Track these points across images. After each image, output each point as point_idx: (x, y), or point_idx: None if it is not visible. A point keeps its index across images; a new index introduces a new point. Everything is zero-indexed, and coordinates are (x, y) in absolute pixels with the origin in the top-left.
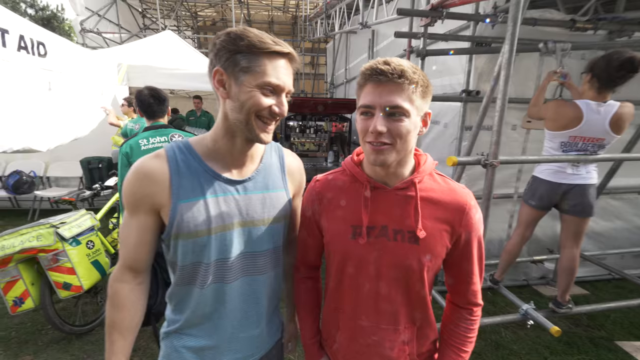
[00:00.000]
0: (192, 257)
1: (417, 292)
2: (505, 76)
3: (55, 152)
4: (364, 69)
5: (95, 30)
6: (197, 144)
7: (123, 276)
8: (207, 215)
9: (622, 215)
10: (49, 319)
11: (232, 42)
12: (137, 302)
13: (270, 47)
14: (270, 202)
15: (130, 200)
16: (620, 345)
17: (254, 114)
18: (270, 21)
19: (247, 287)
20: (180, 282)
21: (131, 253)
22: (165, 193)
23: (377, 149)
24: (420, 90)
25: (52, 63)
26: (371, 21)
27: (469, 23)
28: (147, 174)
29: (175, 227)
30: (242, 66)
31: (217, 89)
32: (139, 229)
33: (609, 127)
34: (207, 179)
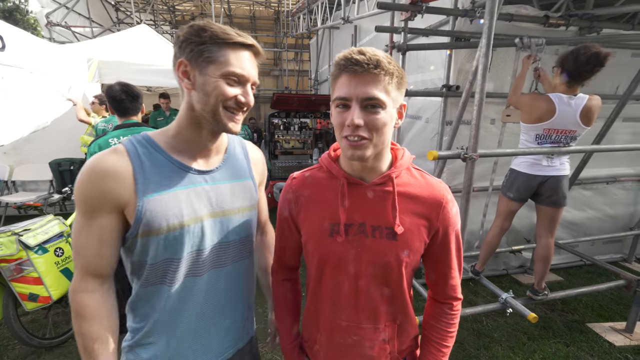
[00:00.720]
0: (164, 253)
1: (396, 289)
2: (483, 70)
3: (21, 154)
4: (338, 60)
5: (64, 24)
6: (158, 137)
7: (87, 285)
8: (178, 208)
9: (593, 204)
10: (14, 333)
11: (195, 33)
12: (111, 309)
13: (233, 38)
14: (239, 191)
15: (88, 202)
16: (591, 327)
17: (221, 104)
18: (252, 16)
19: (219, 278)
20: (147, 283)
21: (94, 259)
22: (129, 189)
23: (355, 144)
24: (395, 81)
25: (10, 57)
26: (353, 16)
27: (449, 18)
28: (106, 171)
29: (144, 225)
30: (206, 57)
31: (182, 80)
32: (101, 232)
33: (579, 119)
34: (174, 171)
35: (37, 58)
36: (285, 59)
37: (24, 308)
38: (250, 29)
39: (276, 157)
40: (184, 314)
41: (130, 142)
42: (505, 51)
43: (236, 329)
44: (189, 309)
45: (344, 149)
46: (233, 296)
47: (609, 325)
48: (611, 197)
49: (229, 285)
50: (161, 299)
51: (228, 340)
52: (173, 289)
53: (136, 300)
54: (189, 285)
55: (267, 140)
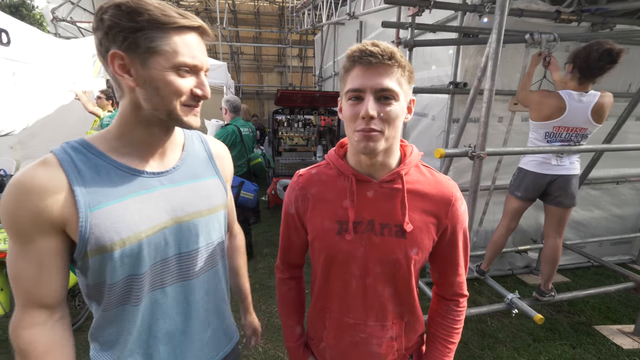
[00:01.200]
0: (122, 271)
1: (405, 287)
2: (493, 67)
3: (27, 149)
4: (351, 52)
5: (69, 19)
6: (96, 141)
7: (33, 319)
8: (132, 218)
9: (601, 204)
10: None
11: (127, 17)
12: (64, 343)
13: (177, 21)
14: (203, 192)
15: (18, 226)
16: (598, 330)
17: (177, 100)
18: (256, 12)
19: (192, 289)
20: (109, 306)
21: (37, 288)
22: (65, 205)
23: (368, 135)
24: (407, 74)
25: (16, 52)
26: (359, 11)
27: (457, 14)
28: (32, 188)
29: (92, 242)
30: (148, 46)
31: (121, 77)
32: (40, 257)
33: (590, 117)
34: (121, 177)
35: (43, 54)
36: (289, 55)
37: None
38: (255, 25)
39: (280, 154)
40: (156, 333)
41: (63, 150)
42: (514, 47)
43: (218, 339)
44: (161, 327)
45: (356, 142)
46: (210, 306)
47: (616, 328)
48: (619, 197)
49: (206, 295)
50: (127, 320)
51: (212, 350)
52: (139, 308)
53: (99, 327)
54: (156, 301)
55: (271, 137)
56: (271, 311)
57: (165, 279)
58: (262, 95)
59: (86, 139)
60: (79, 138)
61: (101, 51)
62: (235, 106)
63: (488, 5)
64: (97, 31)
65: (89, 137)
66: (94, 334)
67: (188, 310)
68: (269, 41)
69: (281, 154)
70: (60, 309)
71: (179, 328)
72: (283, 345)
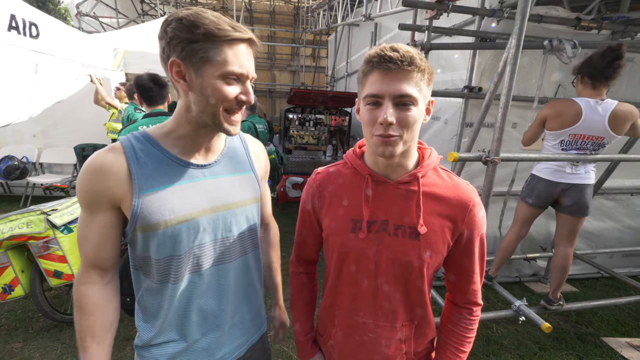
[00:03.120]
0: (164, 250)
1: (417, 290)
2: (511, 72)
3: (48, 138)
4: (369, 56)
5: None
6: (156, 133)
7: (89, 277)
8: (176, 203)
9: (614, 215)
10: (40, 307)
11: (186, 29)
12: (108, 303)
13: (229, 34)
14: (239, 185)
15: (86, 198)
16: (606, 342)
17: (221, 106)
18: (271, 11)
19: (224, 274)
20: (154, 281)
21: (94, 251)
22: (123, 186)
23: (386, 141)
24: (426, 77)
25: (43, 45)
26: (374, 13)
27: (474, 18)
28: (100, 168)
29: (141, 220)
30: (201, 56)
31: (177, 82)
32: (100, 227)
33: (607, 126)
34: (171, 167)
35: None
36: (303, 54)
37: (48, 284)
38: (269, 24)
39: (290, 151)
40: (191, 312)
41: (127, 139)
42: (532, 53)
43: (246, 325)
44: (195, 307)
45: (374, 146)
46: (240, 292)
47: (625, 341)
48: (633, 208)
49: (236, 281)
50: (167, 297)
51: (239, 337)
52: (178, 286)
53: (143, 299)
54: (193, 282)
55: (282, 134)
56: None
57: (202, 263)
58: (274, 94)
59: (147, 131)
60: (141, 129)
61: (163, 58)
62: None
63: (507, 10)
64: (162, 40)
65: (149, 129)
66: (140, 304)
67: (220, 293)
68: (283, 40)
69: (291, 152)
70: (111, 274)
71: (212, 309)
72: (288, 339)
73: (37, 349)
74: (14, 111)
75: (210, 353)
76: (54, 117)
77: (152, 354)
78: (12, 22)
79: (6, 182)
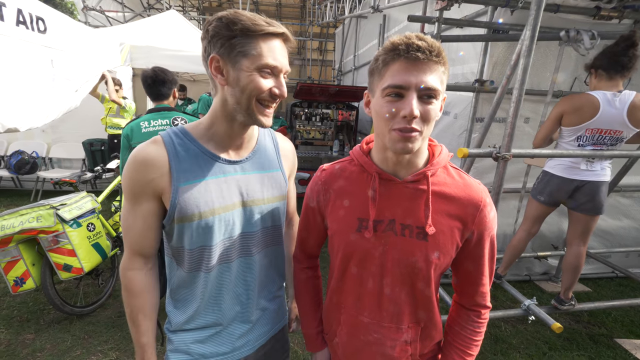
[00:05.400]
0: (197, 240)
1: (423, 291)
2: (525, 65)
3: (57, 133)
4: (393, 44)
5: (98, 9)
6: (193, 129)
7: (134, 264)
8: (209, 196)
9: (631, 213)
10: (50, 299)
11: (225, 27)
12: (153, 286)
13: (264, 28)
14: (268, 182)
15: (131, 188)
16: (620, 343)
17: (255, 97)
18: (278, 4)
19: (248, 266)
20: (187, 269)
21: (139, 240)
22: (165, 178)
23: (407, 136)
24: (447, 72)
25: (52, 40)
26: (383, 5)
27: (486, 8)
28: (146, 160)
29: (178, 211)
30: (238, 51)
31: (215, 77)
32: (143, 216)
33: (627, 119)
34: (206, 161)
35: (75, 41)
36: (309, 48)
37: (58, 277)
38: (276, 17)
39: (296, 147)
40: (221, 300)
41: (167, 134)
42: (546, 45)
43: (269, 316)
44: (225, 296)
45: (392, 141)
46: (265, 283)
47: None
48: None
49: (261, 272)
50: (199, 285)
51: (262, 325)
52: (209, 275)
53: (177, 287)
54: (223, 272)
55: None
56: None
57: (231, 255)
58: None
59: (185, 127)
60: (179, 126)
61: (205, 57)
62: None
63: (521, 0)
64: (204, 40)
65: (187, 126)
66: (172, 291)
67: (246, 283)
68: None
69: (298, 147)
70: (153, 260)
71: (240, 298)
72: (293, 335)
73: (48, 340)
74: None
75: (235, 339)
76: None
77: (181, 339)
78: (20, 16)
79: (17, 177)
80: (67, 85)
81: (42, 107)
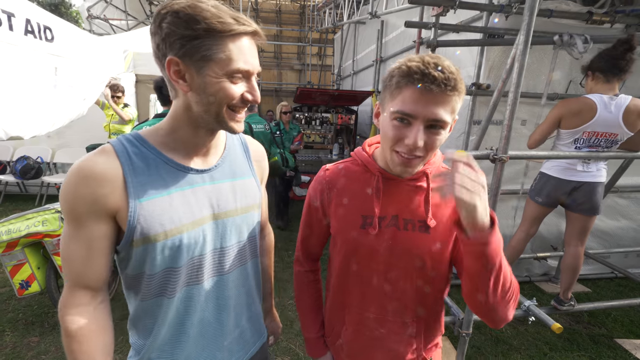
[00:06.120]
0: (162, 262)
1: (427, 283)
2: (519, 68)
3: (62, 138)
4: (410, 69)
5: (102, 17)
6: (150, 135)
7: (78, 299)
8: (176, 212)
9: (629, 214)
10: (55, 302)
11: (184, 25)
12: (104, 326)
13: (233, 28)
14: (240, 190)
15: (74, 208)
16: (620, 343)
17: (226, 105)
18: (277, 10)
19: (223, 285)
20: (146, 297)
21: (83, 270)
22: (118, 193)
23: (407, 161)
24: (461, 98)
25: (59, 48)
26: (381, 11)
27: (482, 14)
28: (93, 174)
29: (138, 232)
30: (203, 54)
31: (176, 82)
32: (90, 241)
33: (622, 122)
34: (169, 172)
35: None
36: (309, 53)
37: (63, 280)
38: (276, 23)
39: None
40: (188, 326)
41: (119, 141)
42: (541, 48)
43: (245, 339)
44: (192, 321)
45: (393, 162)
46: (240, 302)
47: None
48: None
49: (236, 291)
50: (161, 312)
51: (237, 351)
52: (174, 300)
53: (136, 316)
54: (191, 295)
55: None
56: (284, 304)
57: (200, 274)
58: (280, 93)
59: (140, 133)
60: (134, 131)
61: (158, 55)
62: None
63: (515, 5)
64: (155, 36)
65: (142, 131)
66: (132, 322)
67: (219, 306)
68: (289, 39)
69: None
70: (103, 293)
71: (210, 323)
72: (295, 337)
73: (53, 342)
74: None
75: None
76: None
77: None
78: (28, 26)
79: (22, 182)
80: (70, 92)
81: (45, 114)
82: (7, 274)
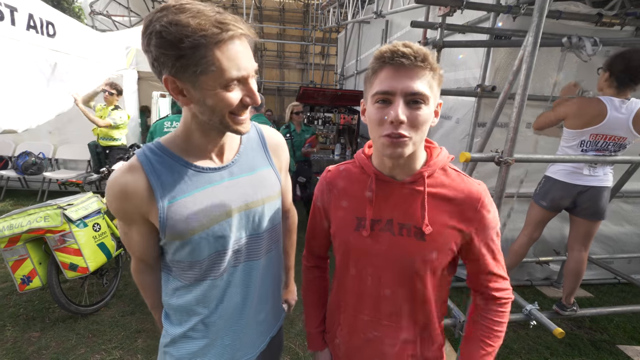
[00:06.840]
0: (190, 255)
1: (420, 290)
2: (527, 70)
3: (63, 134)
4: (380, 53)
5: (105, 13)
6: (170, 142)
7: (140, 267)
8: (199, 210)
9: (633, 219)
10: (56, 298)
11: (170, 46)
12: (157, 283)
13: (218, 38)
14: (259, 182)
15: (118, 214)
16: (622, 349)
17: (227, 112)
18: (281, 9)
19: (249, 271)
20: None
21: (141, 252)
22: (147, 202)
23: (395, 142)
24: (437, 77)
25: (60, 44)
26: (386, 10)
27: (489, 15)
28: (123, 191)
29: (168, 230)
30: (193, 70)
31: (177, 98)
32: (140, 235)
33: (632, 126)
34: (189, 174)
35: (82, 45)
36: (312, 52)
37: (64, 276)
38: (279, 22)
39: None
40: (220, 310)
41: (143, 153)
42: (548, 51)
43: (268, 320)
44: (225, 305)
45: (382, 147)
46: (265, 287)
47: None
48: None
49: (262, 277)
50: (197, 296)
51: (262, 332)
52: (203, 287)
53: (173, 298)
54: (219, 283)
55: None
56: None
57: (223, 265)
58: (283, 92)
59: (161, 141)
60: (155, 140)
61: (155, 72)
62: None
63: (524, 6)
64: (147, 54)
65: (163, 139)
66: (168, 301)
67: (246, 290)
68: (293, 38)
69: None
70: (155, 263)
71: (238, 306)
72: (295, 337)
73: (54, 338)
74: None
75: (234, 349)
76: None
77: (178, 351)
78: (31, 21)
79: (24, 177)
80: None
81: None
82: (8, 269)
